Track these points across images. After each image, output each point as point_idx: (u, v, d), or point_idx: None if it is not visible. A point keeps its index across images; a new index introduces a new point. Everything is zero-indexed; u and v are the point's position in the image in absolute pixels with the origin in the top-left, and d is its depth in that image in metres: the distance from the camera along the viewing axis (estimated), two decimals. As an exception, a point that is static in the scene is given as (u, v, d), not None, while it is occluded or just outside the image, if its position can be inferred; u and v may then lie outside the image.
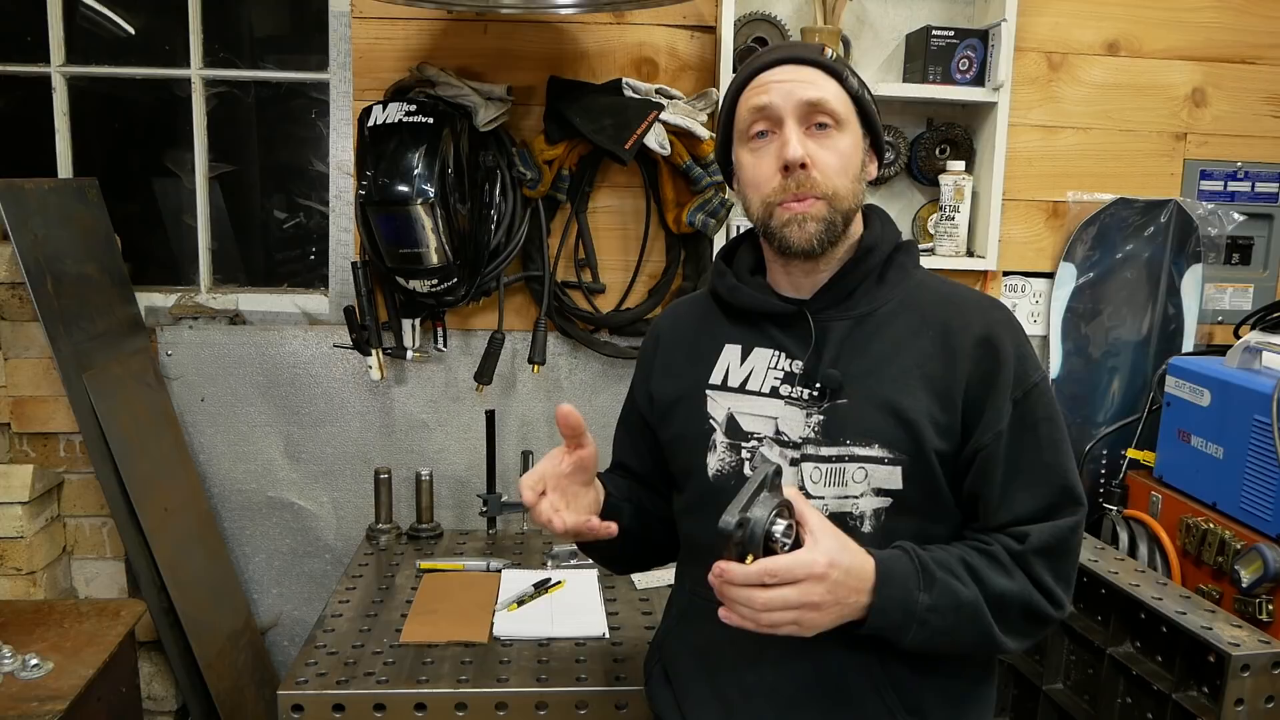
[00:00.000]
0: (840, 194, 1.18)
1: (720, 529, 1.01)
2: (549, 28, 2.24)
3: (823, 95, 1.17)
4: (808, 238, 1.17)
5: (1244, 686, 1.57)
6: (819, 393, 1.19)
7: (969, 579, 1.12)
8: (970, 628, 1.12)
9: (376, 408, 2.38)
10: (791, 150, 1.15)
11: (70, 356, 2.01)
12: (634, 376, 1.43)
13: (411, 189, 1.95)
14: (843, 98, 1.19)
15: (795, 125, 1.17)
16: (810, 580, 1.03)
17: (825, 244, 1.19)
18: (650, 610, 1.89)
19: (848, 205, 1.19)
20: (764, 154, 1.19)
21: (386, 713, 1.56)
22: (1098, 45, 2.37)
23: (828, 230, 1.18)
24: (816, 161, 1.17)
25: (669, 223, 2.28)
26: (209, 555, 2.30)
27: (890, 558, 1.10)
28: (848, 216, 1.20)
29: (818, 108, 1.17)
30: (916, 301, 1.22)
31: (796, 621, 1.04)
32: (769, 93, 1.18)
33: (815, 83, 1.18)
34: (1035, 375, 1.18)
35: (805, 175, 1.16)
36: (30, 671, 1.66)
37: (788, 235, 1.18)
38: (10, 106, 2.37)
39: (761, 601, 1.02)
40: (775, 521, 1.02)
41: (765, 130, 1.19)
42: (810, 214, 1.17)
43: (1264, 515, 1.88)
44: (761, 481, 1.03)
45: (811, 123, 1.17)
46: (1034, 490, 1.16)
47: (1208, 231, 2.41)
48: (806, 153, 1.16)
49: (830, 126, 1.18)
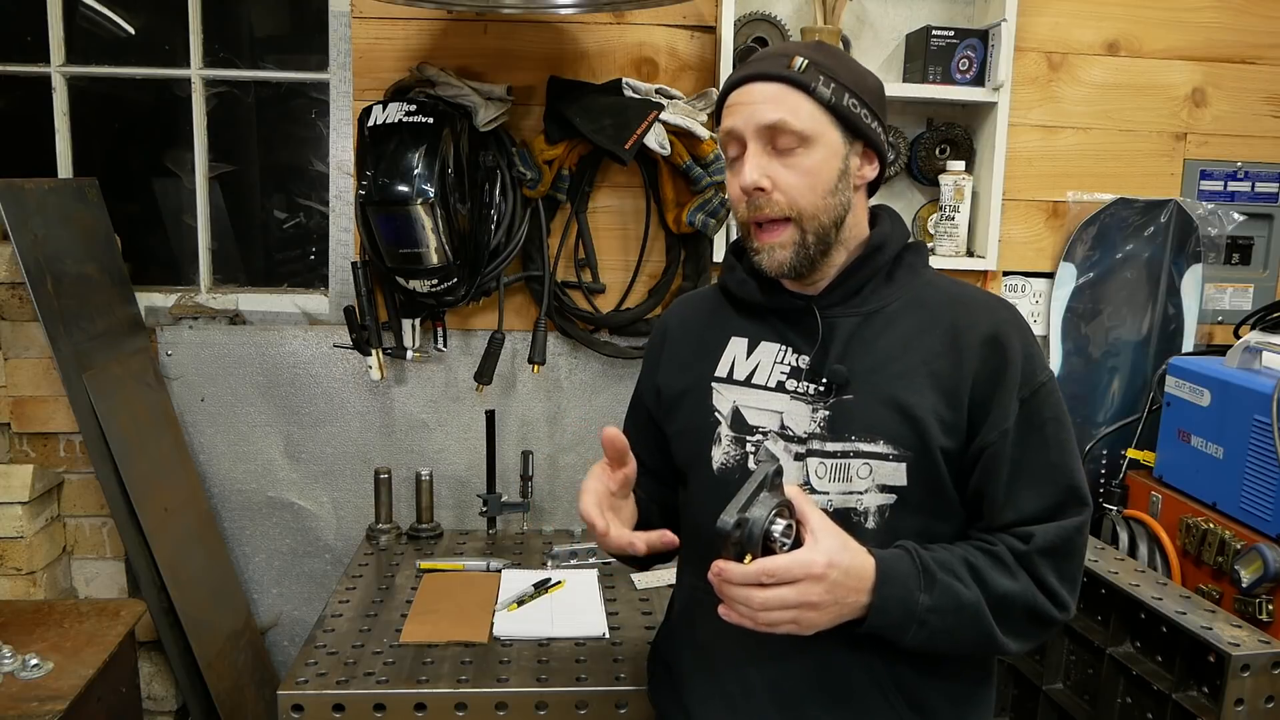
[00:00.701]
0: (808, 212, 1.17)
1: (718, 528, 1.01)
2: (549, 28, 2.24)
3: (782, 116, 1.14)
4: (778, 265, 1.19)
5: (1244, 686, 1.57)
6: (825, 388, 1.19)
7: (971, 580, 1.12)
8: (971, 629, 1.12)
9: (376, 408, 2.38)
10: (744, 177, 1.16)
11: (70, 356, 2.01)
12: (641, 371, 1.44)
13: (411, 189, 1.95)
14: (811, 112, 1.15)
15: (756, 149, 1.16)
16: (808, 580, 1.03)
17: (799, 268, 1.19)
18: (650, 610, 1.89)
19: (821, 222, 1.18)
20: (736, 174, 1.19)
21: (386, 713, 1.56)
22: (1098, 45, 2.37)
23: (798, 254, 1.18)
24: (778, 183, 1.16)
25: (669, 223, 2.28)
26: (209, 555, 2.30)
27: (891, 557, 1.10)
28: (824, 233, 1.19)
29: (778, 129, 1.15)
30: (924, 300, 1.22)
31: (795, 620, 1.05)
32: (735, 115, 1.18)
33: (778, 100, 1.15)
34: (1043, 375, 1.18)
35: (765, 198, 1.17)
36: (30, 671, 1.66)
37: (760, 263, 1.20)
38: (10, 106, 2.37)
39: (759, 601, 1.03)
40: (774, 521, 1.02)
41: (736, 155, 1.19)
42: (778, 243, 1.18)
43: (1264, 515, 1.88)
44: (762, 481, 1.03)
45: (775, 144, 1.16)
46: (1039, 490, 1.16)
47: (1208, 231, 2.41)
48: (766, 174, 1.16)
49: (795, 145, 1.15)
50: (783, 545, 1.03)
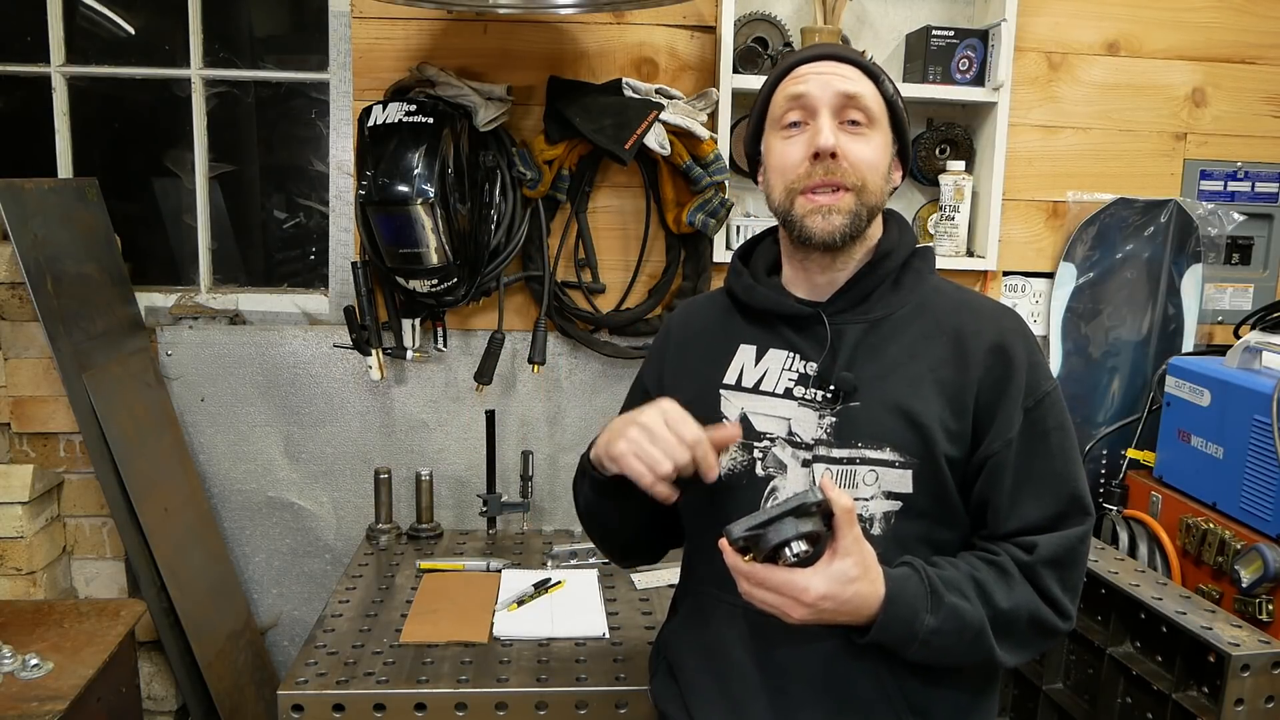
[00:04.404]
0: (869, 188, 1.19)
1: (725, 530, 1.02)
2: (549, 28, 2.24)
3: (860, 90, 1.19)
4: (831, 230, 1.18)
5: (1244, 686, 1.57)
6: (832, 395, 1.20)
7: (977, 599, 1.12)
8: (971, 647, 1.13)
9: (376, 408, 2.38)
10: (824, 138, 1.17)
11: (70, 356, 2.00)
12: (642, 370, 1.44)
13: (411, 189, 1.95)
14: (878, 99, 1.21)
15: (829, 116, 1.18)
16: (793, 601, 1.04)
17: (848, 238, 1.20)
18: (650, 610, 1.89)
19: (874, 201, 1.20)
20: (795, 142, 1.20)
21: (386, 713, 1.56)
22: (1098, 45, 2.37)
23: (852, 223, 1.19)
24: (848, 153, 1.18)
25: (669, 223, 2.28)
26: (209, 555, 2.30)
27: (901, 577, 1.10)
28: (873, 213, 1.21)
29: (853, 101, 1.18)
30: (931, 307, 1.23)
31: (777, 611, 1.06)
32: (806, 82, 1.20)
33: (853, 79, 1.20)
34: (1047, 384, 1.19)
35: (835, 164, 1.18)
36: (30, 671, 1.66)
37: (809, 225, 1.19)
38: (10, 106, 2.37)
39: (745, 587, 1.06)
40: (792, 544, 1.01)
41: (799, 120, 1.20)
42: (837, 206, 1.18)
43: (1264, 515, 1.88)
44: (795, 509, 1.01)
45: (845, 118, 1.19)
46: (1043, 499, 1.17)
47: (1208, 231, 2.41)
48: (838, 143, 1.17)
49: (863, 124, 1.19)
50: (789, 561, 1.03)
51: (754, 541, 1.02)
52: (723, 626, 1.25)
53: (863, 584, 1.05)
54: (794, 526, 1.01)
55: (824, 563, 1.03)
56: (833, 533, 1.04)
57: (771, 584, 1.03)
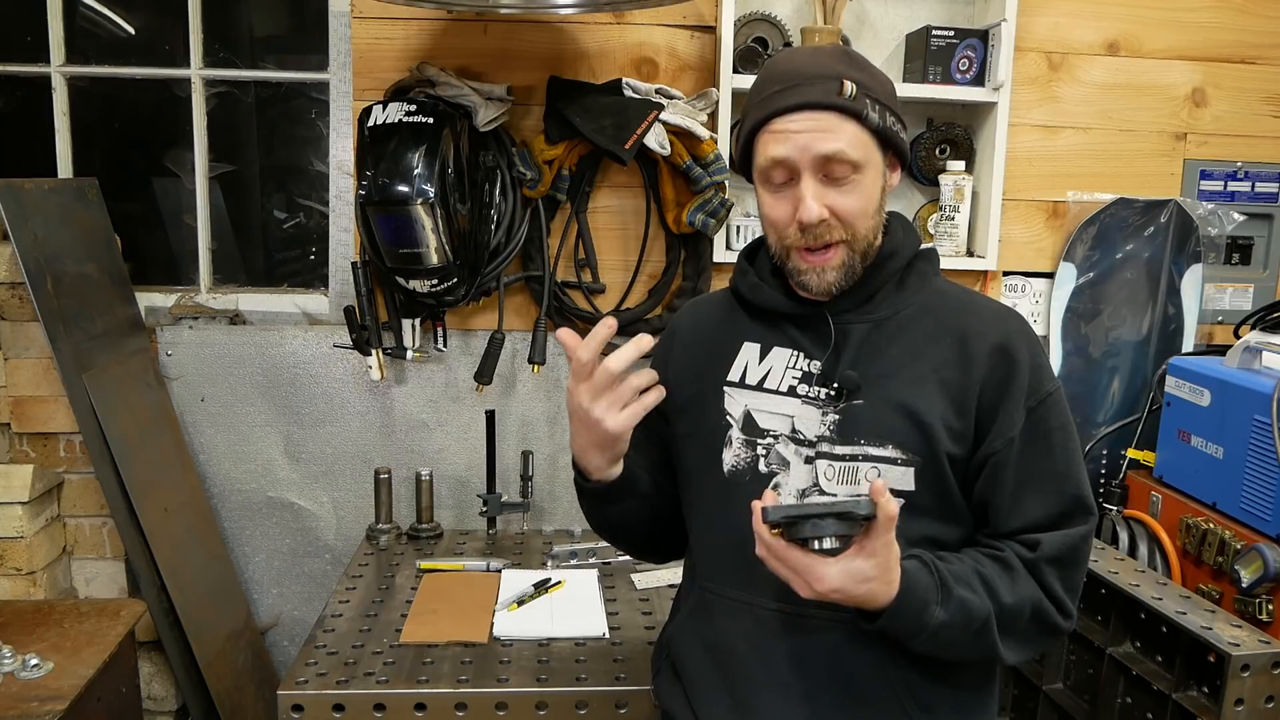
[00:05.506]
0: (860, 234, 1.18)
1: (761, 509, 1.03)
2: (549, 28, 2.24)
3: (839, 146, 1.14)
4: (826, 285, 1.19)
5: (1244, 686, 1.57)
6: (836, 393, 1.21)
7: (984, 593, 1.12)
8: (976, 641, 1.13)
9: (376, 408, 2.38)
10: (807, 213, 1.14)
11: (70, 356, 2.00)
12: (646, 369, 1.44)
13: (411, 189, 1.95)
14: (863, 140, 1.16)
15: (812, 180, 1.15)
16: (805, 583, 1.04)
17: (843, 286, 1.20)
18: (650, 610, 1.89)
19: (867, 241, 1.20)
20: (783, 199, 1.18)
21: (386, 713, 1.56)
22: (1098, 45, 2.37)
23: (846, 275, 1.19)
24: (837, 211, 1.16)
25: (669, 223, 2.28)
26: (209, 555, 2.30)
27: (914, 569, 1.10)
28: (869, 250, 1.21)
29: (835, 157, 1.14)
30: (935, 307, 1.24)
31: (785, 579, 1.07)
32: (786, 144, 1.15)
33: (834, 130, 1.14)
34: (1050, 385, 1.20)
35: (824, 227, 1.16)
36: (30, 671, 1.66)
37: (805, 281, 1.20)
38: (10, 106, 2.37)
39: (763, 552, 1.06)
40: (824, 541, 1.01)
41: (783, 180, 1.18)
42: (829, 264, 1.18)
43: (1264, 515, 1.88)
44: (842, 514, 1.00)
45: (829, 173, 1.16)
46: (1045, 498, 1.17)
47: (1208, 231, 2.41)
48: (825, 205, 1.15)
49: (848, 174, 1.16)
50: (815, 550, 1.03)
51: (788, 526, 1.02)
52: (727, 622, 1.25)
53: (877, 584, 1.05)
54: (833, 528, 1.01)
55: (847, 556, 1.03)
56: (865, 531, 1.03)
57: (790, 562, 1.04)
